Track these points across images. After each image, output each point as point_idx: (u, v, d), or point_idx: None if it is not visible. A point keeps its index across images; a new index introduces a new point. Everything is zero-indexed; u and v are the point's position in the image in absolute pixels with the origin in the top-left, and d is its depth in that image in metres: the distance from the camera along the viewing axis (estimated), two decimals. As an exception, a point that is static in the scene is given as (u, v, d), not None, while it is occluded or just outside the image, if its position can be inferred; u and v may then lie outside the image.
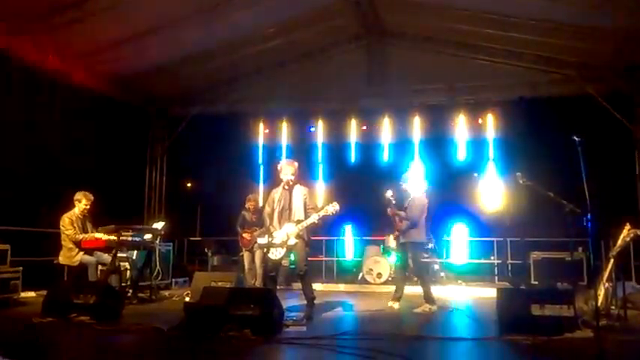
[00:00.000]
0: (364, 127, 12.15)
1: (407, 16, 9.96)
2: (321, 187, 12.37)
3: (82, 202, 7.34)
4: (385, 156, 12.05)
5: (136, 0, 7.87)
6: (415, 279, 9.00)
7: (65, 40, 8.49)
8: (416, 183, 7.56)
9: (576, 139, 4.64)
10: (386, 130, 12.00)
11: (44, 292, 6.24)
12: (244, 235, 9.18)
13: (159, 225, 8.88)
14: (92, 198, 7.44)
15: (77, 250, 7.13)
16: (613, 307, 5.89)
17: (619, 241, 5.95)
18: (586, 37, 8.54)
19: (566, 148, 4.95)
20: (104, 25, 8.21)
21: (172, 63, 9.89)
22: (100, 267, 7.30)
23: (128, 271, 8.17)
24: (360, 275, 10.46)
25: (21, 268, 7.27)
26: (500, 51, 9.92)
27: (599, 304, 5.46)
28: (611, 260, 5.95)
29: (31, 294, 7.81)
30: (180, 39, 9.04)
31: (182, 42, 9.17)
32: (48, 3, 7.55)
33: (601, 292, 5.75)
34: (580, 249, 9.09)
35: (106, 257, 7.27)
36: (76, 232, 7.14)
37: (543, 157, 9.73)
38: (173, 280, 10.08)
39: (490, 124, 11.45)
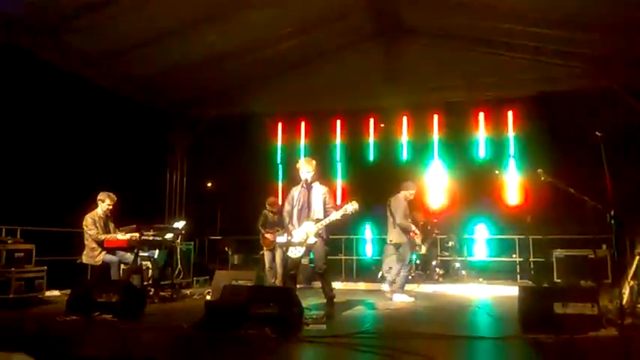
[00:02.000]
0: (382, 126, 12.11)
1: (423, 12, 9.88)
2: (339, 185, 12.37)
3: (105, 202, 7.46)
4: (404, 154, 11.99)
5: (156, 3, 7.95)
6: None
7: (87, 42, 8.63)
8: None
9: (598, 134, 4.56)
10: (404, 128, 11.94)
11: (68, 291, 6.35)
12: (267, 235, 9.22)
13: (180, 224, 8.98)
14: (115, 198, 7.55)
15: (100, 249, 7.24)
16: (638, 306, 5.78)
17: (644, 238, 5.84)
18: (606, 30, 8.37)
19: (588, 142, 4.87)
20: (125, 27, 8.32)
21: (192, 65, 9.97)
22: (122, 266, 7.41)
23: (150, 270, 8.28)
24: (380, 274, 10.41)
25: (45, 267, 7.42)
26: (519, 46, 9.78)
27: (624, 302, 5.37)
28: (637, 257, 5.84)
29: (56, 293, 7.97)
30: (199, 41, 9.11)
31: (201, 44, 9.23)
32: (70, 6, 7.67)
33: (626, 290, 5.65)
34: (604, 246, 8.93)
35: (128, 256, 7.38)
36: (99, 232, 7.25)
37: (565, 153, 9.59)
38: (194, 278, 10.19)
39: (510, 121, 11.32)
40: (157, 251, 8.35)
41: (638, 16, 7.69)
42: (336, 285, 8.90)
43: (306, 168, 6.48)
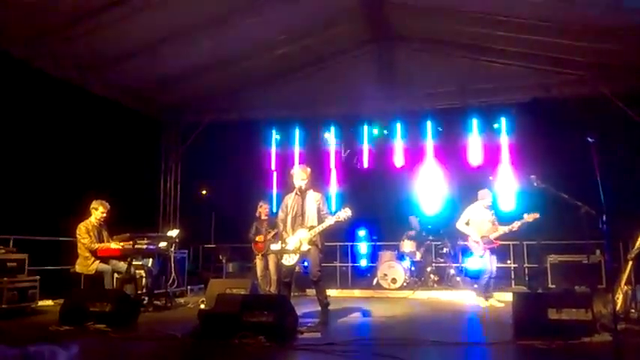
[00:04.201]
0: (376, 132, 12.14)
1: (416, 19, 9.93)
2: (333, 192, 12.37)
3: (98, 211, 7.43)
4: (398, 161, 12.01)
5: (149, 11, 7.94)
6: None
7: (81, 50, 8.61)
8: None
9: (590, 139, 4.59)
10: (398, 135, 11.97)
11: (61, 301, 6.31)
12: (258, 239, 9.21)
13: (173, 233, 8.95)
14: (109, 206, 7.52)
15: (93, 258, 7.20)
16: (632, 311, 5.81)
17: (637, 243, 5.86)
18: (599, 37, 8.44)
19: (581, 149, 4.90)
20: (118, 35, 8.31)
21: (185, 72, 9.97)
22: (115, 275, 7.37)
23: (143, 279, 8.23)
24: (375, 281, 10.41)
25: (38, 277, 7.37)
26: (512, 53, 9.83)
27: (617, 307, 5.40)
28: (630, 263, 5.86)
29: (49, 302, 7.91)
30: (193, 48, 9.11)
31: (194, 51, 9.23)
32: (64, 15, 7.67)
33: (619, 296, 5.67)
34: (598, 251, 8.97)
35: (122, 265, 7.35)
36: (92, 240, 7.21)
37: (558, 159, 9.63)
38: (188, 287, 10.14)
39: (503, 127, 11.37)
40: (150, 260, 8.32)
41: (631, 24, 7.76)
42: (331, 292, 8.90)
43: (300, 175, 6.46)
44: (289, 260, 6.33)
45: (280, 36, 9.68)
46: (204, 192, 14.67)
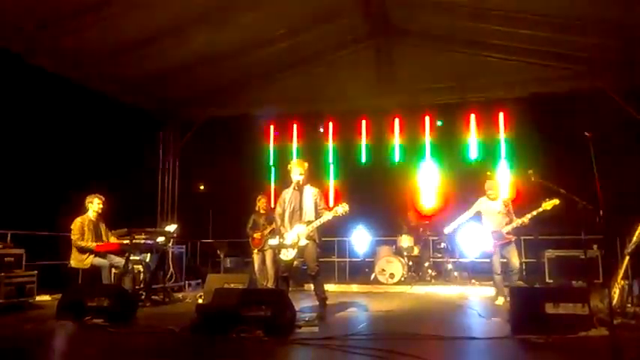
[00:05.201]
0: (374, 127, 12.15)
1: (415, 14, 9.90)
2: (331, 187, 12.38)
3: (94, 204, 7.45)
4: (396, 156, 12.01)
5: (148, 4, 7.91)
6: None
7: (78, 44, 8.57)
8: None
9: (587, 134, 4.59)
10: (396, 130, 11.97)
11: (59, 296, 6.30)
12: (255, 235, 9.22)
13: (171, 227, 8.95)
14: (103, 198, 7.54)
15: (87, 252, 7.20)
16: (629, 305, 5.83)
17: (634, 238, 5.88)
18: (597, 32, 8.44)
19: (578, 144, 4.90)
20: (116, 29, 8.27)
21: (184, 67, 9.93)
22: (113, 270, 7.37)
23: (141, 274, 8.23)
24: (373, 276, 10.43)
25: (36, 272, 7.37)
26: (510, 48, 9.81)
27: (614, 302, 5.42)
28: (627, 257, 5.88)
29: (47, 297, 7.90)
30: (191, 42, 9.08)
31: (193, 45, 9.20)
32: (60, 9, 7.63)
33: (616, 290, 5.69)
34: (595, 246, 9.00)
35: (119, 260, 7.35)
36: (79, 237, 7.21)
37: (555, 154, 9.64)
38: (186, 282, 10.15)
39: (502, 122, 11.38)
40: (148, 255, 8.32)
41: (630, 18, 7.75)
42: (329, 287, 8.90)
43: (297, 170, 6.46)
44: (287, 255, 6.34)
45: (279, 31, 9.66)
46: (202, 187, 14.65)
